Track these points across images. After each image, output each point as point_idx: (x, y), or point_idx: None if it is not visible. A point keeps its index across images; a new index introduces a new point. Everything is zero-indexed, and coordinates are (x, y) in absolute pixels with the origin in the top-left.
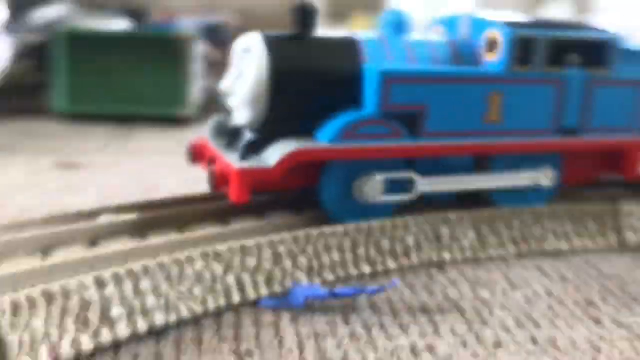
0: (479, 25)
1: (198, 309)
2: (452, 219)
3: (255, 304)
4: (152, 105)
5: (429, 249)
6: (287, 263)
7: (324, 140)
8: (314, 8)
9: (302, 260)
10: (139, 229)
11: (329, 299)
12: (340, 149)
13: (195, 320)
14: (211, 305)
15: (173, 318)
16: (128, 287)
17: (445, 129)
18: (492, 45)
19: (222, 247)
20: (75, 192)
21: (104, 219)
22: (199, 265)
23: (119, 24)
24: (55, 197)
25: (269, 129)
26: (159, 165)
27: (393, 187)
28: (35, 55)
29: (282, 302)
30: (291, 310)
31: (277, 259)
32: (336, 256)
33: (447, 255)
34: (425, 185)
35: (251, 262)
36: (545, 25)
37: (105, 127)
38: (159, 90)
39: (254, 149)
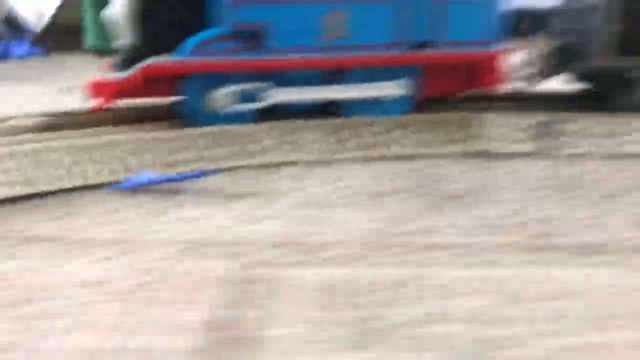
0: None
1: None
2: (307, 125)
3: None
4: None
5: (280, 150)
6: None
7: (179, 56)
8: None
9: (148, 157)
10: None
11: (158, 183)
12: (187, 64)
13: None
14: (67, 184)
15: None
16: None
17: (288, 45)
18: None
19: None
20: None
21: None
22: (59, 154)
23: None
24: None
25: (143, 49)
26: None
27: (249, 97)
28: None
29: (124, 186)
30: (128, 191)
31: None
32: (190, 154)
33: (294, 157)
34: (275, 95)
35: (97, 156)
36: None
37: None
38: None
39: (126, 64)
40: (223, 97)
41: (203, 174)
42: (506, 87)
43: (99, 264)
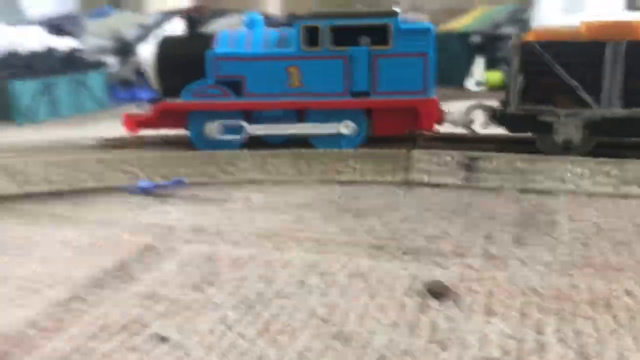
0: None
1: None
2: (277, 154)
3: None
4: None
5: (252, 171)
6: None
7: (183, 98)
8: (197, 17)
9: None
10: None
11: (154, 188)
12: (188, 103)
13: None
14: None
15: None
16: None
17: (260, 91)
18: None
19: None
20: None
21: None
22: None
23: None
24: None
25: (165, 92)
26: None
27: (234, 130)
28: None
29: (135, 189)
30: (138, 193)
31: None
32: (188, 169)
33: (261, 177)
34: (252, 130)
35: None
36: (334, 15)
37: None
38: None
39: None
40: (214, 129)
41: (180, 182)
42: (443, 129)
43: (82, 233)
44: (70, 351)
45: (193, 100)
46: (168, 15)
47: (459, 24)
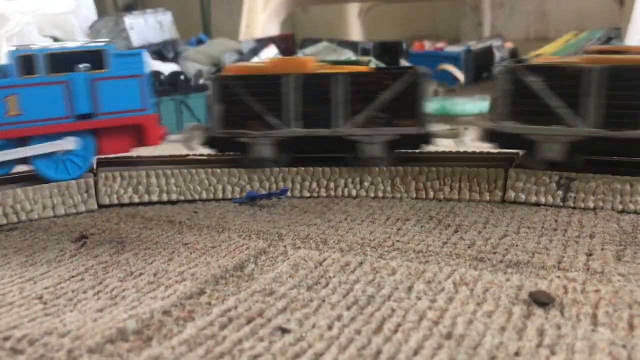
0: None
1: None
2: (373, 171)
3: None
4: None
5: (350, 187)
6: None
7: None
8: None
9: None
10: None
11: (260, 199)
12: None
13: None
14: (204, 196)
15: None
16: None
17: None
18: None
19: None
20: None
21: None
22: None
23: (347, 55)
24: None
25: None
26: None
27: None
28: None
29: (242, 200)
30: (245, 202)
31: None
32: (289, 184)
33: (359, 192)
34: None
35: (232, 180)
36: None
37: None
38: None
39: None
40: None
41: (283, 194)
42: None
43: (200, 237)
44: (204, 338)
45: None
46: (262, 42)
47: (546, 51)
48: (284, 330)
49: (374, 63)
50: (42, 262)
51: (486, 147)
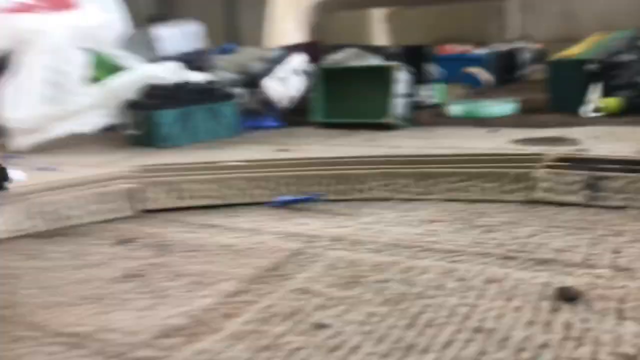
0: None
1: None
2: (403, 174)
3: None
4: (368, 116)
5: (381, 190)
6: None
7: None
8: None
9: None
10: None
11: (293, 203)
12: None
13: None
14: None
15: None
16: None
17: None
18: None
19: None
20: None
21: None
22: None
23: (371, 61)
24: None
25: None
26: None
27: None
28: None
29: (277, 203)
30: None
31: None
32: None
33: (390, 195)
34: None
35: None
36: None
37: (340, 131)
38: (373, 105)
39: None
40: None
41: (315, 198)
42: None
43: (238, 239)
44: (249, 332)
45: None
46: (290, 49)
47: (574, 51)
48: (322, 326)
49: (403, 67)
50: (91, 264)
51: (514, 149)
